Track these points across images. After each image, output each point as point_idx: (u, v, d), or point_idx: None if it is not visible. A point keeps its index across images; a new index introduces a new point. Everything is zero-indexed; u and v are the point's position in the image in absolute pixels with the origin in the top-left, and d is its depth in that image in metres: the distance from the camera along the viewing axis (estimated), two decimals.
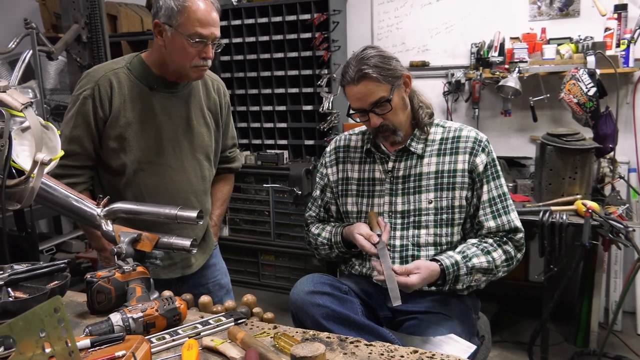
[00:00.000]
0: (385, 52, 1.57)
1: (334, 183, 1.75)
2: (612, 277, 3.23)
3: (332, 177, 1.76)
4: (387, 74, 1.52)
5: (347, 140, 1.77)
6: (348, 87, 1.55)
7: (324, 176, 1.80)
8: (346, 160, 1.74)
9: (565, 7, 3.28)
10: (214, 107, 1.87)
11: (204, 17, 1.59)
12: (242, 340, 1.00)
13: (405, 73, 1.59)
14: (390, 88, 1.53)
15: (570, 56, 3.12)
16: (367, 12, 3.81)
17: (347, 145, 1.76)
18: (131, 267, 1.24)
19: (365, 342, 1.06)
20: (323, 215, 1.82)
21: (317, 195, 1.83)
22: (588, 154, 2.67)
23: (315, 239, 1.78)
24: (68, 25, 3.10)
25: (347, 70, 1.54)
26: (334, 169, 1.76)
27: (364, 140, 1.73)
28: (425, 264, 1.50)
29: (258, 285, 3.97)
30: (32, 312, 0.59)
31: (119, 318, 1.07)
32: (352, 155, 1.74)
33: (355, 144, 1.74)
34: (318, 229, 1.78)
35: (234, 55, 3.88)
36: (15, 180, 1.25)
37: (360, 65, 1.51)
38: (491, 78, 3.26)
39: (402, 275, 1.44)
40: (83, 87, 1.69)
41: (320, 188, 1.82)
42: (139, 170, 1.72)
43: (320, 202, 1.82)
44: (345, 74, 1.55)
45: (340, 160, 1.76)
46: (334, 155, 1.78)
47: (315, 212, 1.83)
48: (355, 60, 1.53)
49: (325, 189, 1.79)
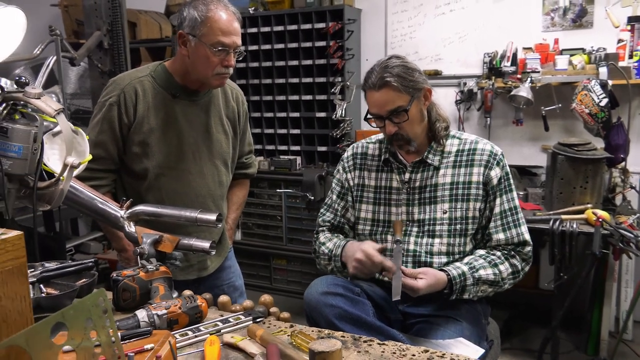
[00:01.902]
0: (409, 63, 1.60)
1: (354, 188, 1.77)
2: (623, 286, 3.24)
3: (352, 182, 1.77)
4: (409, 84, 1.56)
5: (365, 148, 1.79)
6: (369, 92, 1.59)
7: (344, 181, 1.80)
8: (363, 168, 1.76)
9: (578, 18, 3.31)
10: (232, 115, 1.93)
11: (226, 27, 1.66)
12: (261, 337, 1.06)
13: (427, 86, 1.62)
14: (410, 99, 1.56)
15: (583, 67, 3.15)
16: (381, 22, 3.87)
17: (365, 153, 1.78)
18: (154, 267, 1.30)
19: (378, 342, 1.11)
20: (339, 220, 1.81)
21: (334, 200, 1.82)
22: (599, 164, 2.70)
23: (319, 247, 1.78)
24: (90, 32, 3.19)
25: (371, 75, 1.58)
26: (353, 174, 1.77)
27: (381, 149, 1.75)
28: (433, 271, 1.53)
29: (270, 289, 4.01)
30: (81, 302, 0.64)
31: (144, 314, 1.12)
32: (369, 163, 1.76)
33: (372, 152, 1.77)
34: (325, 239, 1.77)
35: (249, 62, 3.95)
36: (46, 182, 1.32)
37: (384, 72, 1.55)
38: (503, 87, 3.30)
39: (410, 278, 1.48)
40: (109, 94, 1.75)
41: (337, 193, 1.81)
42: (160, 175, 1.78)
43: (337, 206, 1.81)
44: (368, 79, 1.59)
45: (358, 166, 1.78)
46: (352, 161, 1.80)
47: (331, 217, 1.81)
48: (380, 67, 1.57)
49: (346, 194, 1.79)
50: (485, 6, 3.55)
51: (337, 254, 1.68)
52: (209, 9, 1.65)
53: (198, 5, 1.67)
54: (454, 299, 1.60)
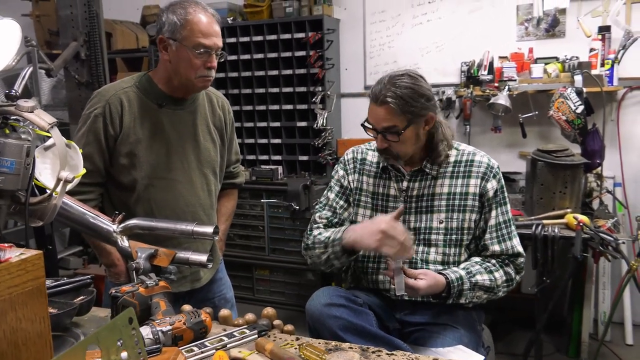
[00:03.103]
0: (420, 87, 1.56)
1: (355, 190, 1.76)
2: (601, 288, 3.33)
3: (353, 185, 1.76)
4: (408, 109, 1.54)
5: (364, 153, 1.79)
6: (371, 103, 1.59)
7: (343, 179, 1.77)
8: (362, 172, 1.76)
9: (551, 28, 3.41)
10: (219, 123, 1.92)
11: (206, 29, 1.66)
12: (270, 352, 1.04)
13: (430, 114, 1.60)
14: (407, 122, 1.55)
15: (557, 75, 3.24)
16: (359, 31, 3.90)
17: (364, 159, 1.78)
18: (154, 282, 1.27)
19: (387, 352, 1.11)
20: (339, 217, 1.76)
21: (332, 198, 1.78)
22: (577, 169, 2.77)
23: (313, 238, 1.72)
24: (66, 43, 3.12)
25: (377, 86, 1.57)
26: (354, 177, 1.76)
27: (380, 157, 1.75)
28: (432, 273, 1.55)
29: (252, 300, 3.98)
30: (114, 323, 0.63)
31: (149, 331, 1.10)
32: (367, 168, 1.76)
33: (371, 159, 1.77)
34: (320, 231, 1.73)
35: (229, 72, 3.93)
36: (38, 197, 1.28)
37: (388, 90, 1.53)
38: (482, 95, 3.37)
39: (410, 278, 1.50)
40: (94, 105, 1.72)
41: (335, 192, 1.78)
42: (149, 186, 1.76)
43: (336, 205, 1.77)
44: (374, 89, 1.58)
45: (358, 170, 1.77)
46: (352, 164, 1.78)
47: (329, 214, 1.76)
48: (389, 81, 1.55)
49: (345, 192, 1.77)
50: (462, 16, 3.62)
51: (337, 238, 1.61)
52: (188, 12, 1.65)
53: (176, 9, 1.67)
54: (450, 306, 1.61)
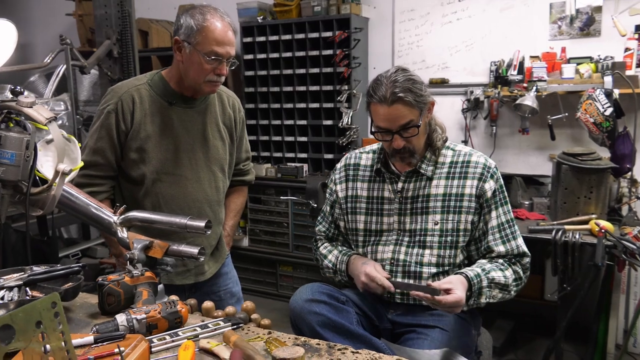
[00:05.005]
0: (416, 77, 1.58)
1: (342, 200, 1.78)
2: (632, 298, 3.18)
3: (341, 194, 1.79)
4: (419, 100, 1.54)
5: (358, 158, 1.80)
6: (378, 106, 1.55)
7: (333, 192, 1.83)
8: (355, 179, 1.77)
9: (586, 26, 3.29)
10: (229, 121, 1.96)
11: (220, 37, 1.70)
12: (234, 343, 1.07)
13: (431, 100, 1.62)
14: (420, 113, 1.56)
15: (590, 76, 3.11)
16: (388, 30, 3.88)
17: (357, 164, 1.79)
18: (139, 272, 1.33)
19: (352, 350, 1.12)
20: (333, 232, 1.85)
21: (327, 210, 1.86)
22: (604, 174, 2.66)
23: (322, 259, 1.82)
24: (101, 41, 3.27)
25: (379, 89, 1.54)
26: (343, 186, 1.79)
27: (374, 159, 1.76)
28: (455, 278, 1.51)
29: (276, 295, 4.04)
30: (32, 305, 0.67)
31: (124, 318, 1.15)
32: (361, 173, 1.77)
33: (365, 163, 1.78)
34: (325, 250, 1.82)
35: (257, 70, 4.00)
36: (38, 188, 1.36)
37: (394, 88, 1.52)
38: (509, 96, 3.28)
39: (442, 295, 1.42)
40: (107, 102, 1.80)
41: (329, 204, 1.85)
42: (157, 181, 1.82)
43: (331, 218, 1.85)
44: (376, 93, 1.54)
45: (350, 178, 1.79)
46: (343, 172, 1.81)
47: (325, 227, 1.87)
48: (389, 81, 1.53)
49: (335, 205, 1.82)
50: (492, 15, 3.54)
51: (343, 270, 1.72)
52: (206, 18, 1.69)
53: (195, 14, 1.71)
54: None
